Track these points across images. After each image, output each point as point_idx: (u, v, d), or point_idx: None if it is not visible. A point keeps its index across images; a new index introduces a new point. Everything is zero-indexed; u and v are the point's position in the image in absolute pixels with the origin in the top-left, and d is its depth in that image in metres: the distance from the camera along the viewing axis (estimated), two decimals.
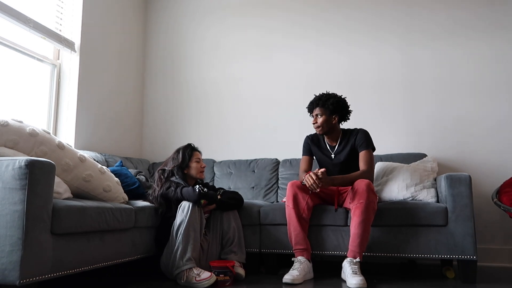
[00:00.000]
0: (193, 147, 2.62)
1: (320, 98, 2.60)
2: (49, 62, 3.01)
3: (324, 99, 2.58)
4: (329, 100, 2.56)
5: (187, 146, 2.62)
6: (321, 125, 2.59)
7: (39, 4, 2.93)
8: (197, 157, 2.58)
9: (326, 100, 2.57)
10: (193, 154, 2.57)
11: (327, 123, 2.58)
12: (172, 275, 2.20)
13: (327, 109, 2.56)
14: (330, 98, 2.58)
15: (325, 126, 2.59)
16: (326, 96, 2.60)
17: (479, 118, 3.06)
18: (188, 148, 2.59)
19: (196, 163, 2.56)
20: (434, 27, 3.24)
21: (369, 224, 2.25)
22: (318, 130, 2.62)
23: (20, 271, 1.50)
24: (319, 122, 2.59)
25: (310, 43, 3.50)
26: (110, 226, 1.98)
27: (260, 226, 2.58)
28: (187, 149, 2.58)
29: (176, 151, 2.61)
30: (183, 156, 2.54)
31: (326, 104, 2.57)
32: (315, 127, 2.63)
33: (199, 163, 2.58)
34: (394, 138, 3.20)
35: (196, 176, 2.56)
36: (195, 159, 2.57)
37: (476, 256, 2.22)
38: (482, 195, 2.93)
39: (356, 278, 2.07)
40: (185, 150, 2.57)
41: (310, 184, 2.31)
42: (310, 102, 2.65)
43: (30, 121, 1.97)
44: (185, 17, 3.89)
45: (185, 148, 2.60)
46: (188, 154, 2.56)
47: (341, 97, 2.63)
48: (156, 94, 3.88)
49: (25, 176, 1.54)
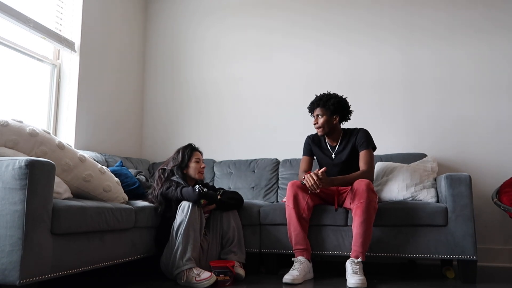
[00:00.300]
0: (193, 147, 2.61)
1: (321, 99, 2.59)
2: (49, 62, 3.01)
3: (325, 99, 2.57)
4: (330, 101, 2.55)
5: (187, 146, 2.61)
6: (322, 126, 2.58)
7: (39, 4, 2.93)
8: (197, 157, 2.58)
9: (327, 100, 2.56)
10: (192, 154, 2.57)
11: (328, 123, 2.57)
12: (172, 275, 2.20)
13: (328, 109, 2.55)
14: (331, 98, 2.57)
15: (326, 126, 2.58)
16: (327, 97, 2.59)
17: (479, 118, 3.06)
18: (188, 148, 2.59)
19: (195, 163, 2.55)
20: (434, 26, 3.24)
21: (371, 224, 2.25)
22: (319, 131, 2.61)
23: (20, 271, 1.50)
24: (320, 123, 2.58)
25: (310, 43, 3.50)
26: (110, 226, 1.98)
27: (260, 226, 2.58)
28: (187, 149, 2.58)
29: (176, 151, 2.61)
30: (183, 156, 2.54)
31: (327, 104, 2.55)
32: (316, 127, 2.61)
33: (199, 163, 2.57)
34: (394, 138, 3.20)
35: (195, 176, 2.55)
36: (195, 159, 2.56)
37: (476, 256, 2.22)
38: (482, 195, 2.93)
39: (355, 278, 2.07)
40: (185, 150, 2.57)
41: (310, 184, 2.31)
42: (311, 102, 2.64)
43: (30, 121, 1.96)
44: (185, 17, 3.89)
45: (185, 148, 2.59)
46: (188, 154, 2.55)
47: (342, 97, 2.61)
48: (156, 94, 3.88)
49: (25, 176, 1.54)
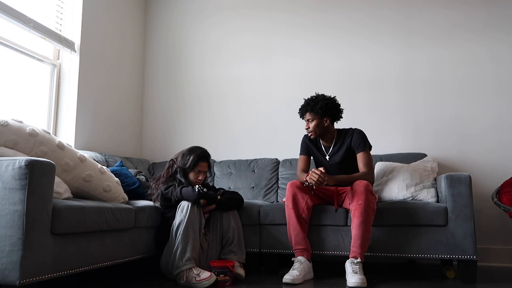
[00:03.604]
0: (200, 156, 2.49)
1: (309, 103, 2.56)
2: (49, 62, 3.01)
3: (313, 103, 2.55)
4: (318, 104, 2.53)
5: (196, 153, 2.50)
6: (313, 130, 2.56)
7: (39, 4, 2.93)
8: (199, 169, 2.49)
9: (315, 104, 2.54)
10: (197, 164, 2.48)
11: (319, 127, 2.56)
12: (172, 275, 2.20)
13: (317, 113, 2.53)
14: (319, 101, 2.54)
15: (317, 130, 2.56)
16: (315, 100, 2.56)
17: (480, 118, 3.06)
18: (196, 157, 2.48)
19: (194, 174, 2.49)
20: (433, 26, 3.24)
21: (370, 224, 2.25)
22: (311, 135, 2.60)
23: (20, 271, 1.50)
24: (312, 127, 2.56)
25: (310, 44, 3.50)
26: (110, 226, 1.98)
27: (260, 226, 2.58)
28: (195, 158, 2.48)
29: (188, 151, 2.53)
30: (188, 162, 2.48)
31: (315, 108, 2.53)
32: (307, 132, 2.61)
33: (198, 174, 2.49)
34: (394, 138, 3.20)
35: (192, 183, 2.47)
36: (197, 169, 2.48)
37: (476, 256, 2.22)
38: (482, 195, 2.93)
39: (355, 277, 2.07)
40: (193, 158, 2.48)
41: (316, 179, 2.29)
42: (300, 108, 2.62)
43: (30, 121, 1.97)
44: (185, 17, 3.89)
45: (194, 155, 2.49)
46: (193, 162, 2.47)
47: (330, 97, 2.58)
48: (156, 94, 3.88)
49: (25, 176, 1.54)
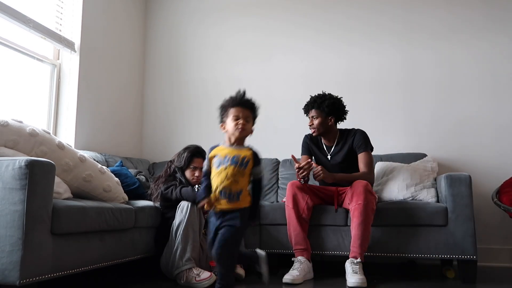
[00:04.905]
0: (193, 153, 2.48)
1: (315, 100, 2.56)
2: (49, 62, 3.01)
3: (320, 101, 2.55)
4: (325, 102, 2.53)
5: (190, 150, 2.50)
6: (317, 127, 2.56)
7: (39, 4, 2.92)
8: (194, 165, 2.47)
9: (322, 102, 2.54)
10: (191, 160, 2.47)
11: (323, 125, 2.56)
12: (172, 275, 2.20)
13: (323, 111, 2.53)
14: (326, 99, 2.54)
15: (320, 128, 2.57)
16: (322, 98, 2.56)
17: (480, 118, 3.06)
18: (189, 153, 2.48)
19: (190, 171, 2.47)
20: (434, 26, 3.24)
21: (369, 225, 2.25)
22: (313, 132, 2.60)
23: (20, 271, 1.50)
24: (315, 124, 2.56)
25: (310, 43, 3.49)
26: (110, 226, 1.98)
27: (260, 226, 2.58)
28: (188, 154, 2.47)
29: (182, 150, 2.53)
30: (183, 160, 2.47)
31: (321, 106, 2.53)
32: (310, 129, 2.60)
33: (194, 171, 2.47)
34: (394, 138, 3.19)
35: (191, 181, 2.47)
36: (192, 166, 2.47)
37: (476, 256, 2.22)
38: (482, 195, 2.92)
39: (355, 277, 2.07)
40: (186, 154, 2.47)
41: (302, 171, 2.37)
42: (306, 104, 2.62)
43: (30, 121, 1.96)
44: (185, 17, 3.89)
45: (188, 151, 2.49)
46: (187, 159, 2.46)
47: (337, 97, 2.59)
48: (156, 94, 3.88)
49: (25, 176, 1.54)
